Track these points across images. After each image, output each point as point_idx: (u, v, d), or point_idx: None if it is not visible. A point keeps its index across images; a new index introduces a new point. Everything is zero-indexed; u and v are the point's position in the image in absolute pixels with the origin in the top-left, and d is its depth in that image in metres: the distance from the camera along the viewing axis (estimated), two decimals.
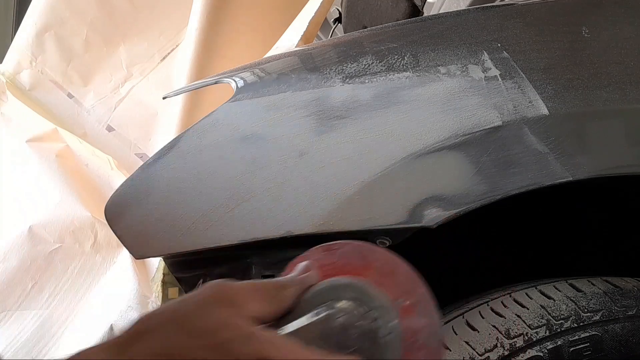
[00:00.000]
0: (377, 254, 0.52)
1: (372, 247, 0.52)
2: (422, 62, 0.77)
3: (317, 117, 0.74)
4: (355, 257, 0.51)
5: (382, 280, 0.50)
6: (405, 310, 0.49)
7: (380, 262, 0.51)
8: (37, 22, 1.79)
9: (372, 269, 0.51)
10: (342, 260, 0.51)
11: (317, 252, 0.52)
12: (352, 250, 0.52)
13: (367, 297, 0.47)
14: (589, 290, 0.75)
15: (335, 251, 0.51)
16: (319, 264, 0.50)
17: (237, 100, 0.78)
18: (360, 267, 0.50)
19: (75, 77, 1.82)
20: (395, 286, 0.50)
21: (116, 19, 1.83)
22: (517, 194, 0.71)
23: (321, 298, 0.47)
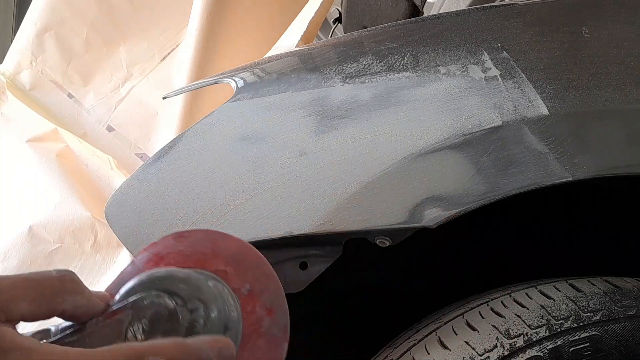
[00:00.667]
0: (228, 242, 0.50)
1: (225, 235, 0.51)
2: (422, 62, 0.77)
3: (317, 117, 0.74)
4: (204, 245, 0.49)
5: (228, 268, 0.49)
6: (248, 298, 0.48)
7: (230, 250, 0.50)
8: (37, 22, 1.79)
9: (220, 257, 0.49)
10: (189, 249, 0.49)
11: (168, 239, 0.50)
12: (202, 238, 0.50)
13: (190, 287, 0.44)
14: (589, 290, 0.75)
15: (185, 239, 0.50)
16: (165, 252, 0.49)
17: (237, 100, 0.78)
18: (208, 255, 0.49)
19: (75, 77, 1.82)
20: (242, 274, 0.49)
21: (116, 19, 1.83)
22: (517, 194, 0.71)
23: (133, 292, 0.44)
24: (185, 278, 0.44)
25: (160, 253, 0.49)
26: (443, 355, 0.71)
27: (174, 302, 0.42)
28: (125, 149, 1.76)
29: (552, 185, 0.71)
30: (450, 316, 0.76)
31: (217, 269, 0.48)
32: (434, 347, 0.73)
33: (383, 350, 0.80)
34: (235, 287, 0.48)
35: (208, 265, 0.48)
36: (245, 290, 0.48)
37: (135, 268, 0.49)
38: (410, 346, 0.75)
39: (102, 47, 1.83)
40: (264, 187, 0.71)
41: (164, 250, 0.49)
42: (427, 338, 0.75)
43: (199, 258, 0.49)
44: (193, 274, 0.45)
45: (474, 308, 0.76)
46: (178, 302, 0.43)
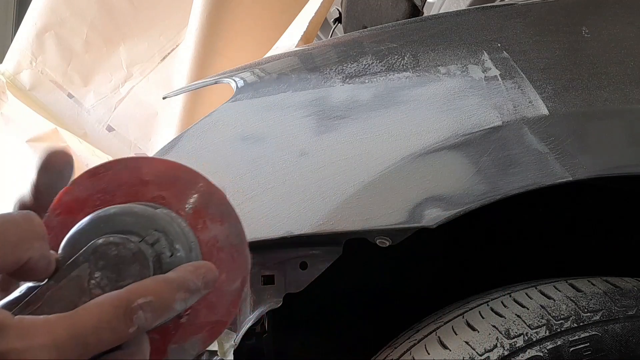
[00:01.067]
0: (153, 165, 0.45)
1: (147, 158, 0.45)
2: (422, 62, 0.77)
3: (317, 117, 0.74)
4: (128, 176, 0.44)
5: (163, 192, 0.44)
6: (196, 216, 0.43)
7: (158, 173, 0.44)
8: (37, 22, 1.79)
9: (150, 184, 0.44)
10: (113, 184, 0.43)
11: (83, 180, 0.43)
12: (123, 168, 0.44)
13: (142, 220, 0.39)
14: (589, 290, 0.75)
15: (104, 175, 0.43)
16: (86, 194, 0.43)
17: (237, 100, 0.78)
18: (136, 184, 0.44)
19: (75, 77, 1.82)
20: (180, 194, 0.44)
21: (116, 19, 1.83)
22: (517, 194, 0.71)
23: (79, 243, 0.38)
24: (132, 211, 0.39)
25: (80, 197, 0.43)
26: (443, 355, 0.71)
27: (131, 240, 0.38)
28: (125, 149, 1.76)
29: (552, 185, 0.71)
30: (450, 316, 0.76)
31: (153, 196, 0.43)
32: (434, 347, 0.73)
33: (383, 350, 0.80)
34: (178, 209, 0.43)
35: (141, 196, 0.43)
36: (189, 209, 0.44)
37: (57, 222, 0.42)
38: (410, 346, 0.75)
39: (102, 47, 1.83)
40: (264, 187, 0.71)
41: (83, 192, 0.43)
42: (427, 338, 0.75)
43: (128, 191, 0.43)
44: (137, 205, 0.41)
45: (474, 308, 0.76)
46: (135, 239, 0.38)
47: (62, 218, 0.42)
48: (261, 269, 0.74)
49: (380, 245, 0.72)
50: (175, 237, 0.40)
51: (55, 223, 0.42)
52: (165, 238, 0.39)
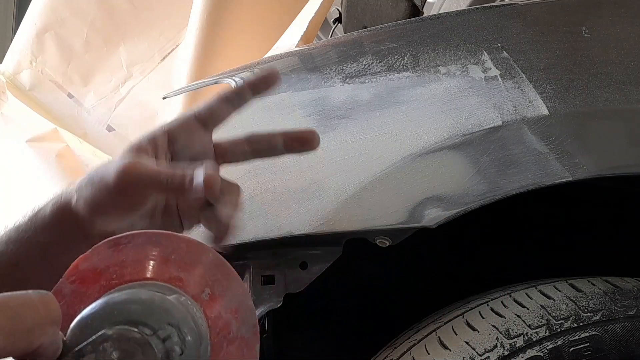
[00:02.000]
0: (175, 242, 0.43)
1: (169, 235, 0.44)
2: (422, 62, 0.77)
3: (317, 117, 0.74)
4: (148, 251, 0.42)
5: (182, 274, 0.42)
6: (211, 303, 0.42)
7: (179, 251, 0.43)
8: (37, 22, 1.79)
9: (170, 262, 0.43)
10: (132, 258, 0.42)
11: (102, 249, 0.42)
12: (144, 242, 0.43)
13: (157, 312, 0.37)
14: (589, 290, 0.75)
15: (125, 247, 0.42)
16: (103, 265, 0.41)
17: None
18: (156, 261, 0.42)
19: (75, 77, 1.82)
20: (199, 277, 0.43)
21: (116, 19, 1.83)
22: (517, 194, 0.71)
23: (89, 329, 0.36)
24: (149, 301, 0.38)
25: (97, 267, 0.42)
26: (443, 355, 0.71)
27: (143, 333, 0.36)
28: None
29: (552, 185, 0.71)
30: (450, 316, 0.76)
31: (171, 276, 0.42)
32: (434, 347, 0.73)
33: (383, 350, 0.80)
34: (194, 294, 0.42)
35: (159, 275, 0.42)
36: (205, 295, 0.42)
37: (70, 290, 0.41)
38: (410, 346, 0.75)
39: (102, 47, 1.83)
40: (264, 187, 0.71)
41: (101, 263, 0.42)
42: (427, 338, 0.75)
43: (146, 267, 0.42)
44: (155, 294, 0.39)
45: (474, 308, 0.76)
46: (147, 332, 0.36)
47: (75, 287, 0.41)
48: (260, 269, 0.74)
49: (380, 245, 0.72)
50: (188, 333, 0.38)
51: (68, 291, 0.41)
52: (178, 334, 0.37)
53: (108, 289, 0.41)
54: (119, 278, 0.41)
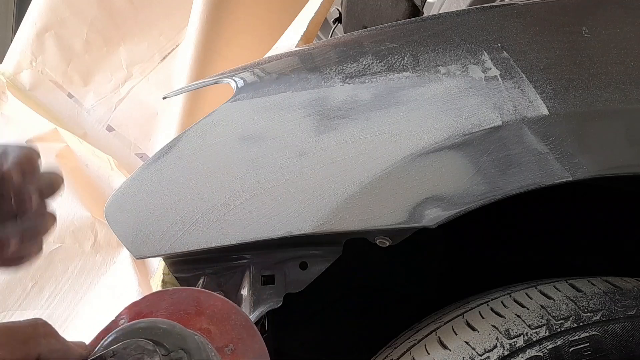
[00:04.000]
0: (212, 300, 0.51)
1: (209, 294, 0.52)
2: (422, 62, 0.77)
3: (317, 117, 0.74)
4: (187, 304, 0.50)
5: (212, 327, 0.50)
6: (232, 357, 0.49)
7: (214, 308, 0.51)
8: (37, 22, 1.79)
9: (204, 315, 0.50)
10: (172, 307, 0.50)
11: (150, 297, 0.50)
12: (186, 296, 0.51)
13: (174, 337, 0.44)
14: (589, 290, 0.75)
15: (169, 297, 0.50)
16: (148, 310, 0.49)
17: (237, 100, 0.78)
18: (192, 313, 0.50)
19: (75, 77, 1.82)
20: (226, 333, 0.50)
21: (116, 19, 1.83)
22: (517, 194, 0.71)
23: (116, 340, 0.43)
24: (169, 328, 0.45)
25: (143, 311, 0.50)
26: (443, 355, 0.71)
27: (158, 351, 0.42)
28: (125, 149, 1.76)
29: (552, 185, 0.71)
30: (450, 316, 0.76)
31: (201, 327, 0.49)
32: (434, 347, 0.73)
33: (383, 350, 0.80)
34: (218, 347, 0.49)
35: (191, 324, 0.49)
36: (228, 350, 0.49)
37: (117, 324, 0.49)
38: (410, 346, 0.75)
39: (102, 47, 1.83)
40: (264, 187, 0.71)
41: (147, 308, 0.50)
42: (427, 338, 0.75)
43: (183, 316, 0.49)
44: (177, 324, 0.46)
45: (474, 308, 0.76)
46: (162, 351, 0.42)
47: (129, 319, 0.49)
48: (261, 269, 0.74)
49: (380, 245, 0.72)
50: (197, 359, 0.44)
51: (117, 327, 0.47)
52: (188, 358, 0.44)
53: None
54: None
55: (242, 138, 0.74)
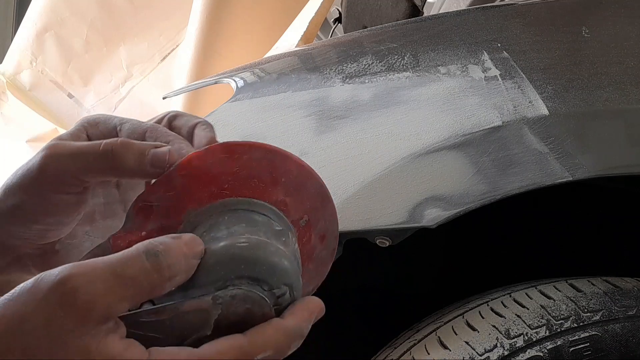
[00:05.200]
0: (287, 165, 0.44)
1: (284, 156, 0.44)
2: (422, 62, 0.77)
3: (317, 117, 0.74)
4: (262, 169, 0.43)
5: (287, 198, 0.43)
6: (305, 229, 0.44)
7: (289, 176, 0.44)
8: (37, 22, 1.79)
9: (279, 186, 0.43)
10: (245, 172, 0.42)
11: (217, 152, 0.42)
12: (259, 158, 0.43)
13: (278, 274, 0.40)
14: (589, 290, 0.75)
15: (240, 157, 0.42)
16: (217, 171, 0.42)
17: (237, 100, 0.78)
18: (267, 183, 0.43)
19: (75, 77, 1.82)
20: (301, 203, 0.44)
21: (116, 19, 1.83)
22: (517, 193, 0.71)
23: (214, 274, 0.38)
24: (273, 264, 0.40)
25: (210, 170, 0.42)
26: (443, 355, 0.71)
27: (263, 289, 0.39)
28: None
29: (552, 185, 0.71)
30: (450, 316, 0.76)
31: (277, 199, 0.43)
32: (434, 347, 0.73)
33: (383, 350, 0.80)
34: (294, 220, 0.44)
35: (267, 196, 0.43)
36: (303, 222, 0.44)
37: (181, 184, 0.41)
38: (410, 346, 0.75)
39: (102, 47, 1.83)
40: None
41: (214, 167, 0.42)
42: (427, 338, 0.75)
43: (258, 186, 0.42)
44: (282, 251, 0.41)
45: (474, 308, 0.76)
46: (265, 288, 0.39)
47: (186, 182, 0.42)
48: None
49: (380, 245, 0.72)
50: (297, 291, 0.41)
51: (179, 184, 0.42)
52: (290, 292, 0.40)
53: (218, 197, 0.41)
54: (230, 190, 0.42)
55: (242, 138, 0.74)
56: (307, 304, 0.40)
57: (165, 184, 0.41)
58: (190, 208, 0.41)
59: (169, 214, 0.42)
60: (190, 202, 0.42)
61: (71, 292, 0.32)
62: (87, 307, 0.32)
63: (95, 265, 0.33)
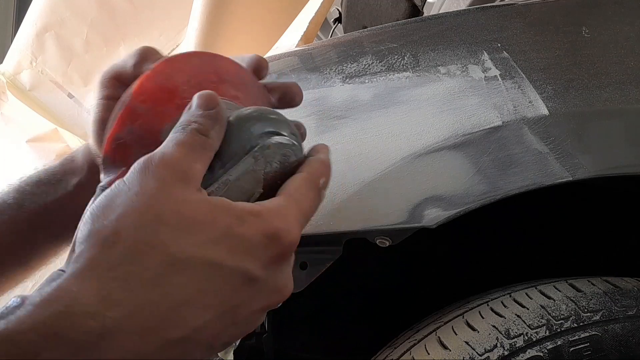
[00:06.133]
0: (224, 64, 0.47)
1: (215, 56, 0.47)
2: (422, 62, 0.77)
3: (317, 117, 0.74)
4: (207, 71, 0.45)
5: (238, 93, 0.46)
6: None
7: (230, 73, 0.47)
8: (37, 22, 1.79)
9: (226, 83, 0.46)
10: (195, 78, 0.45)
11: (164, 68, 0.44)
12: (202, 63, 0.46)
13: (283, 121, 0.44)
14: (589, 290, 0.75)
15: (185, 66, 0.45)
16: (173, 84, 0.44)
17: None
18: (216, 82, 0.45)
19: (75, 77, 1.82)
20: (248, 95, 0.47)
21: (116, 19, 1.83)
22: (517, 193, 0.71)
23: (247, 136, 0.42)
24: (279, 116, 0.44)
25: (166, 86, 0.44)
26: (443, 355, 0.71)
27: (284, 136, 0.43)
28: None
29: (552, 185, 0.71)
30: (450, 316, 0.76)
31: (231, 94, 0.46)
32: (434, 347, 0.73)
33: (383, 350, 0.80)
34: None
35: (224, 93, 0.45)
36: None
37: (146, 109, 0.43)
38: (410, 346, 0.75)
39: (102, 47, 1.83)
40: None
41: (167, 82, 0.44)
42: (427, 338, 0.75)
43: (211, 87, 0.44)
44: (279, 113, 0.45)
45: (474, 308, 0.76)
46: (285, 134, 0.43)
47: (150, 106, 0.43)
48: None
49: (380, 245, 0.72)
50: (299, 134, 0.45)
51: (144, 110, 0.43)
52: (298, 136, 0.45)
53: (183, 107, 0.43)
54: (190, 97, 0.44)
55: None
56: (317, 146, 0.47)
57: (130, 116, 0.43)
58: (165, 125, 0.43)
59: (145, 140, 0.43)
60: (162, 120, 0.43)
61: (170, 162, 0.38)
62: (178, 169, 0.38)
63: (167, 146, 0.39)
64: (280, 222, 0.39)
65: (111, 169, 0.44)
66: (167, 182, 0.37)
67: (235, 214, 0.38)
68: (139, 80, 0.44)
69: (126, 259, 0.35)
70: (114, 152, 0.43)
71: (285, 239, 0.39)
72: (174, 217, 0.36)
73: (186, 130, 0.40)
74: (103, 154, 0.44)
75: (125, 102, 0.44)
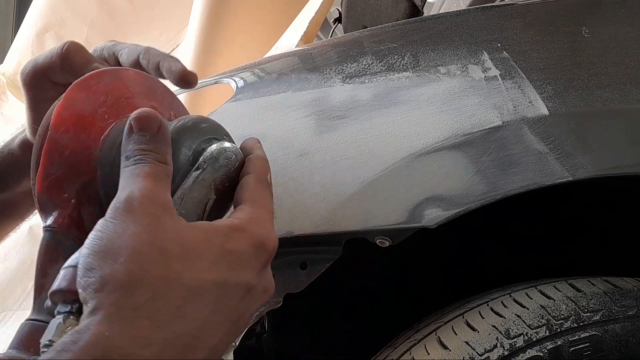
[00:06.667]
0: (130, 76, 0.47)
1: (125, 71, 0.48)
2: (422, 62, 0.77)
3: (317, 117, 0.74)
4: (120, 88, 0.46)
5: (153, 102, 0.47)
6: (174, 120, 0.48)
7: (141, 84, 0.48)
8: (37, 23, 1.79)
9: (140, 96, 0.47)
10: (111, 98, 0.45)
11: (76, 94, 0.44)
12: (112, 80, 0.46)
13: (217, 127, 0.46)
14: (589, 290, 0.75)
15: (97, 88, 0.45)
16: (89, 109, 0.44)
17: (237, 100, 0.78)
18: (130, 96, 0.46)
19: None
20: (163, 103, 0.48)
21: (116, 19, 1.83)
22: (517, 194, 0.71)
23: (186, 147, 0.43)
24: (213, 123, 0.46)
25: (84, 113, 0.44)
26: (443, 355, 0.71)
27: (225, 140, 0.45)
28: None
29: (552, 185, 0.71)
30: (450, 316, 0.76)
31: (149, 105, 0.46)
32: (434, 347, 0.73)
33: (383, 350, 0.80)
34: (168, 119, 0.48)
35: (139, 106, 0.45)
36: (171, 117, 0.49)
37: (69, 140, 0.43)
38: (410, 346, 0.75)
39: None
40: None
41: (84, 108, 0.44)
42: (427, 338, 0.75)
43: (128, 103, 0.45)
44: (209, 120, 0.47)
45: (474, 308, 0.76)
46: (222, 139, 0.45)
47: (72, 135, 0.43)
48: None
49: (380, 245, 0.72)
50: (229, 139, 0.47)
51: (67, 141, 0.43)
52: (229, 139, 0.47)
53: (106, 128, 0.44)
54: (114, 116, 0.45)
55: (242, 138, 0.74)
56: (248, 142, 0.49)
57: (56, 149, 0.43)
58: (93, 150, 0.44)
59: (78, 168, 0.43)
60: (90, 146, 0.44)
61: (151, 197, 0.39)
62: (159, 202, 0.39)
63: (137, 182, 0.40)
64: (260, 230, 0.41)
65: (49, 207, 0.43)
66: (158, 216, 0.38)
67: (222, 232, 0.40)
68: (55, 112, 0.43)
69: (148, 296, 0.36)
70: (48, 189, 0.43)
71: (269, 244, 0.42)
72: (177, 249, 0.38)
73: (145, 161, 0.40)
74: (37, 194, 0.43)
75: (46, 136, 0.43)
